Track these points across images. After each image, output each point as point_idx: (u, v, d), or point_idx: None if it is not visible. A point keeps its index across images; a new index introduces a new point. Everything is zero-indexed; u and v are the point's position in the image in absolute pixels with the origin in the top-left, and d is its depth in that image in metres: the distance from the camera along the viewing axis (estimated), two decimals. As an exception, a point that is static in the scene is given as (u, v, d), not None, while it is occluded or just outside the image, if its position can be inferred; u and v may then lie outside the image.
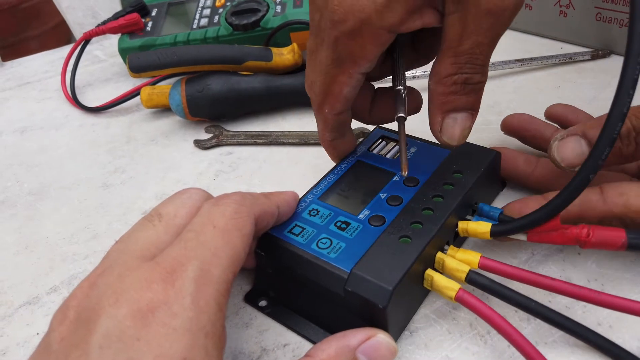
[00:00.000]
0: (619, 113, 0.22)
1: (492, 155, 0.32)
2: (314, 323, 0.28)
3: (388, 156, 0.33)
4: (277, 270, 0.29)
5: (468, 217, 0.30)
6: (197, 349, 0.19)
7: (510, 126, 0.37)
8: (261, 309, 0.30)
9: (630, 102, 0.22)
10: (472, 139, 0.42)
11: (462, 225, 0.29)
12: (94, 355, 0.18)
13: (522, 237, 0.27)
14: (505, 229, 0.27)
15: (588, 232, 0.26)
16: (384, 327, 0.25)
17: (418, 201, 0.29)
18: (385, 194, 0.30)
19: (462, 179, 0.30)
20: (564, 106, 0.37)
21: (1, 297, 0.33)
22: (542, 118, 0.37)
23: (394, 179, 0.31)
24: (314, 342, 0.27)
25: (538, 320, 0.27)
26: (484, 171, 0.31)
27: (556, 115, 0.37)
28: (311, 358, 0.23)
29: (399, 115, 0.29)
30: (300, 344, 0.28)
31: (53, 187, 0.43)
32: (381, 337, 0.24)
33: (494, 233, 0.28)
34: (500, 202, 0.35)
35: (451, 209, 0.28)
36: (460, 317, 0.28)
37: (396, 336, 0.27)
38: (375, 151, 0.34)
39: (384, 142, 0.35)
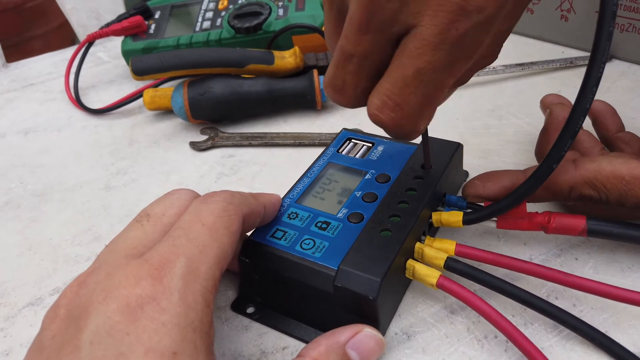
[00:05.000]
0: (582, 109, 0.23)
1: (455, 147, 0.34)
2: (304, 323, 0.29)
3: (357, 156, 0.34)
4: (263, 275, 0.29)
5: (439, 208, 0.32)
6: (186, 343, 0.19)
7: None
8: (249, 316, 0.30)
9: (592, 99, 0.23)
10: (471, 142, 0.42)
11: (435, 216, 0.30)
12: (85, 351, 0.19)
13: (491, 223, 0.30)
14: (476, 216, 0.29)
15: (549, 218, 0.28)
16: (374, 318, 0.26)
17: (393, 196, 0.30)
18: (360, 192, 0.31)
19: (431, 172, 0.32)
20: (557, 96, 0.36)
21: (5, 298, 0.33)
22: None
23: (366, 177, 0.32)
24: (307, 342, 0.28)
25: (535, 325, 0.27)
26: (450, 162, 0.32)
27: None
28: (303, 357, 0.24)
29: None
30: (299, 347, 0.28)
31: (56, 189, 0.43)
32: (368, 332, 0.25)
33: (466, 221, 0.29)
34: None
35: (425, 200, 0.29)
36: (458, 321, 0.28)
37: (385, 327, 0.28)
38: (344, 152, 0.35)
39: (351, 143, 0.36)
